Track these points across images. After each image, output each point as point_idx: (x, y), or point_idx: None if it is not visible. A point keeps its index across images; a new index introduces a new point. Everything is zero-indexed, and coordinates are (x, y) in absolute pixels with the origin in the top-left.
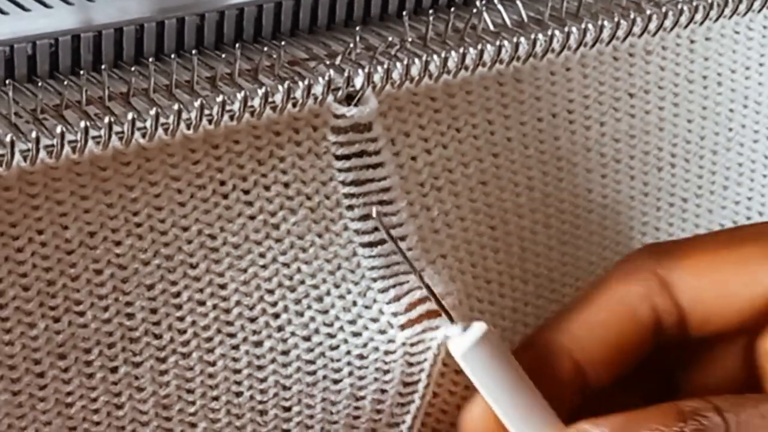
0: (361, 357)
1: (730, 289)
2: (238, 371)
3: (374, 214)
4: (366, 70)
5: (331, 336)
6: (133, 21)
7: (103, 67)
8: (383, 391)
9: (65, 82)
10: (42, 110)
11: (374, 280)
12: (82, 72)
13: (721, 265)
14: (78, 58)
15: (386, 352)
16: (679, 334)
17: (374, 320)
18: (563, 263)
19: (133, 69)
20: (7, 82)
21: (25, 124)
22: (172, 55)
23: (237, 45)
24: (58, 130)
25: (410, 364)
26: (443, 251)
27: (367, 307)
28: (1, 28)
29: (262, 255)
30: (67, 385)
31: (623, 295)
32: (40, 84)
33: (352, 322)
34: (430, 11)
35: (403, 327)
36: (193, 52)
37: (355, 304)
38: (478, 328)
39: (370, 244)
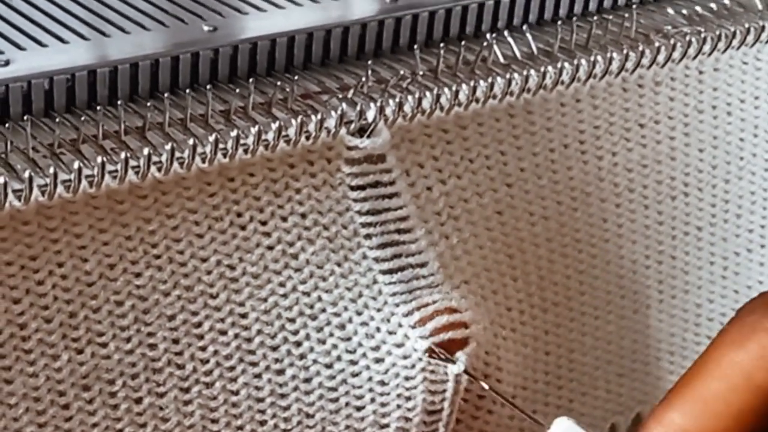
0: (382, 383)
1: None
2: (261, 400)
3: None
4: (378, 103)
5: (353, 363)
6: (148, 56)
7: (119, 102)
8: (407, 419)
9: (82, 117)
10: (59, 145)
11: (397, 305)
12: (98, 107)
13: None
14: (94, 93)
15: (407, 378)
16: None
17: (399, 345)
18: (581, 293)
19: (148, 104)
20: (24, 117)
21: (43, 159)
22: (187, 90)
23: (250, 79)
24: (76, 165)
25: (432, 392)
26: (465, 277)
27: (391, 333)
28: (19, 63)
29: (281, 284)
30: (92, 417)
31: (740, 362)
32: (57, 119)
33: (376, 349)
34: (441, 44)
35: (427, 352)
36: (208, 86)
37: (378, 330)
38: (563, 423)
39: (390, 271)
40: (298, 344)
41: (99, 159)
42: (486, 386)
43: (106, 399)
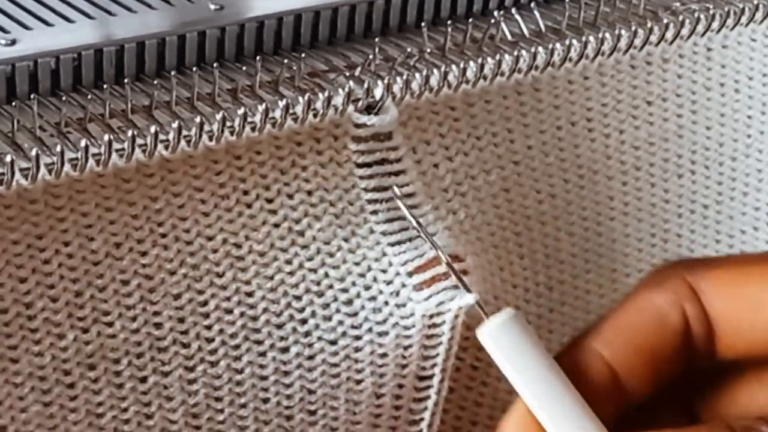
0: (383, 356)
1: (760, 305)
2: (264, 378)
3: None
4: (386, 80)
5: (358, 338)
6: (154, 35)
7: (125, 80)
8: (401, 386)
9: (89, 96)
10: (66, 124)
11: (409, 275)
12: (105, 86)
13: (751, 280)
14: (101, 72)
15: (405, 347)
16: (708, 350)
17: (406, 317)
18: (587, 271)
19: (155, 82)
20: (31, 96)
21: (50, 138)
22: (194, 68)
23: (257, 57)
24: (83, 143)
25: (425, 358)
26: (474, 251)
27: (401, 306)
28: (25, 43)
29: (288, 262)
30: (97, 396)
31: (653, 299)
32: (63, 98)
33: (382, 323)
34: (449, 22)
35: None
36: (215, 65)
37: (387, 303)
38: (508, 312)
39: (399, 243)
40: (304, 321)
41: (106, 137)
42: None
43: (111, 378)
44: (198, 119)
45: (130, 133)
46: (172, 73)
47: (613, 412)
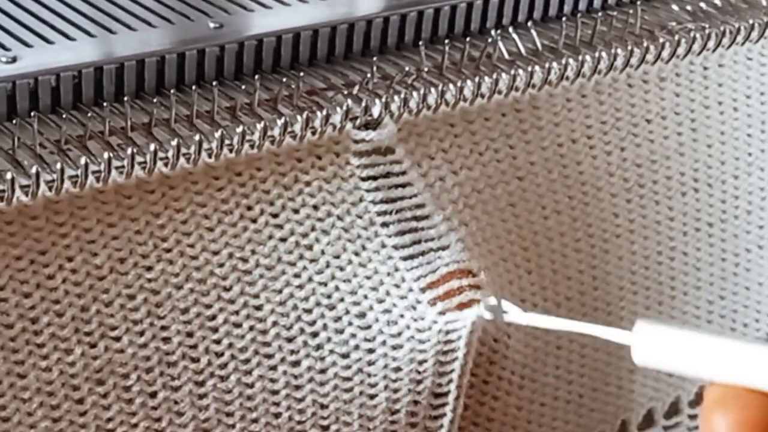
0: (397, 370)
1: None
2: (275, 392)
3: None
4: (383, 99)
5: (371, 351)
6: (154, 53)
7: (125, 98)
8: (416, 403)
9: (88, 114)
10: (66, 141)
11: (423, 291)
12: (105, 104)
13: None
14: (101, 90)
15: (420, 362)
16: None
17: (423, 330)
18: (594, 288)
19: (154, 100)
20: (32, 113)
21: (50, 155)
22: (193, 86)
23: (256, 76)
24: (82, 161)
25: (441, 374)
26: (485, 265)
27: (416, 320)
28: (26, 60)
29: (297, 275)
30: (106, 411)
31: None
32: (63, 116)
33: (396, 335)
34: (446, 40)
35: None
36: (214, 83)
37: (402, 316)
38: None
39: (412, 257)
40: (315, 335)
41: (105, 155)
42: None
43: (120, 393)
44: (197, 137)
45: (129, 150)
46: (172, 91)
47: None
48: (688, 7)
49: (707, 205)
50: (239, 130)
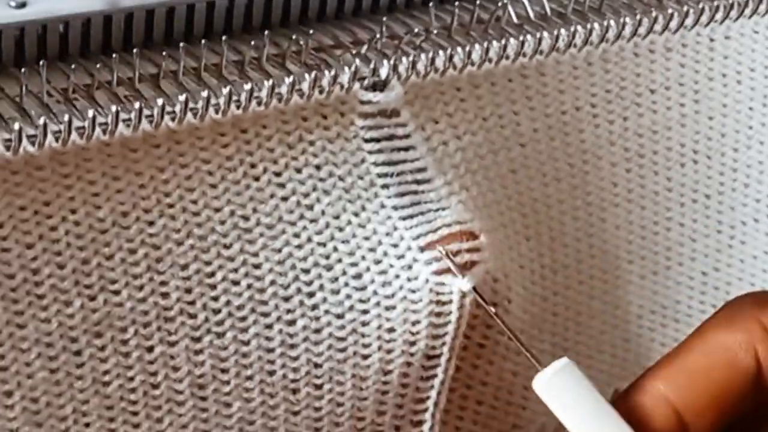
0: (390, 330)
1: None
2: (271, 350)
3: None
4: (392, 60)
5: (365, 312)
6: (163, 3)
7: (134, 49)
8: (409, 364)
9: (97, 64)
10: (73, 90)
11: (421, 250)
12: (113, 54)
13: None
14: (109, 39)
15: (414, 323)
16: None
17: (416, 291)
18: (591, 255)
19: (163, 51)
20: (40, 61)
21: (57, 104)
22: (202, 40)
23: (265, 31)
24: (90, 113)
25: (434, 337)
26: (485, 229)
27: (411, 280)
28: (35, 6)
29: (296, 235)
30: (104, 364)
31: (725, 341)
32: (72, 64)
33: (390, 296)
34: (456, 2)
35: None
36: (223, 37)
37: (398, 277)
38: (561, 362)
39: (411, 216)
40: (311, 295)
41: (113, 108)
42: (492, 310)
43: (117, 346)
44: (205, 93)
45: (137, 104)
46: (181, 44)
47: None
48: None
49: (705, 176)
50: (247, 87)
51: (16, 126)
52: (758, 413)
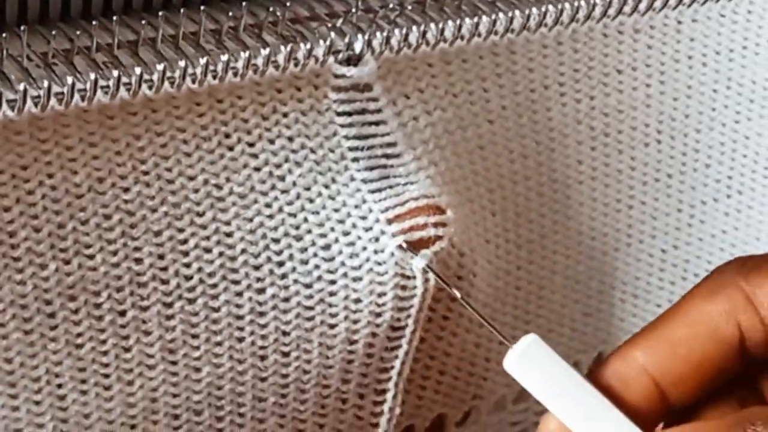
0: (357, 301)
1: None
2: (240, 317)
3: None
4: (366, 35)
5: (332, 282)
6: None
7: (114, 17)
8: (374, 335)
9: (77, 30)
10: (53, 55)
11: (389, 222)
12: (93, 21)
13: None
14: (89, 4)
15: (380, 294)
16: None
17: (381, 263)
18: (555, 231)
19: (142, 19)
20: (20, 25)
21: (36, 69)
22: (181, 9)
23: (243, 1)
24: (69, 80)
25: (400, 309)
26: (451, 204)
27: (377, 252)
28: None
29: (268, 205)
30: (77, 326)
31: (706, 310)
32: (52, 30)
33: (357, 268)
34: None
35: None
36: (201, 7)
37: (365, 249)
38: (527, 338)
39: (380, 190)
40: (281, 264)
41: (92, 75)
42: (457, 294)
43: (90, 310)
44: (182, 63)
45: (115, 72)
46: (160, 13)
47: (654, 422)
48: None
49: (668, 156)
50: (224, 58)
51: None
52: (743, 383)
